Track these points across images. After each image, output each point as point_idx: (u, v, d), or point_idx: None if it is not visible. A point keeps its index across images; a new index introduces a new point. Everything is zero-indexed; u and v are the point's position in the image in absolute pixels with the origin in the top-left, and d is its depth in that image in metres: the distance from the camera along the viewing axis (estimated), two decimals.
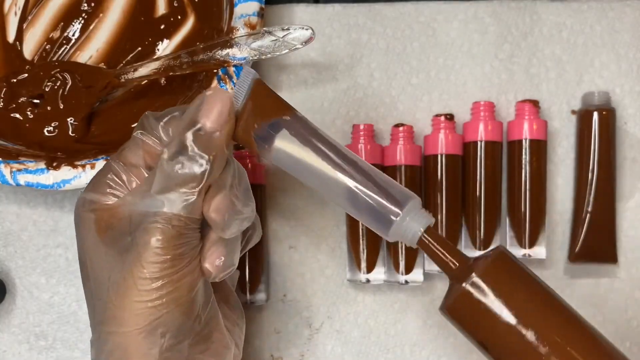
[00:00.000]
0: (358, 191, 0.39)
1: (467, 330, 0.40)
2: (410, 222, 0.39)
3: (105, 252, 0.40)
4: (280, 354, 0.57)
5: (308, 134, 0.40)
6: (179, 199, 0.38)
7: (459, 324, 0.40)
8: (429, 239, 0.40)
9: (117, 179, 0.41)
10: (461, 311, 0.40)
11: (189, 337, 0.40)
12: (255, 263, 0.55)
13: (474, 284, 0.38)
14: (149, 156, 0.41)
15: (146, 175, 0.41)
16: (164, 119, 0.41)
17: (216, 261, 0.40)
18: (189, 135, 0.38)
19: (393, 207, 0.39)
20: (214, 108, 0.39)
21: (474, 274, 0.38)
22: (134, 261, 0.38)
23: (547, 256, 0.56)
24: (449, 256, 0.40)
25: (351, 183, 0.40)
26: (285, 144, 0.40)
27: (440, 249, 0.40)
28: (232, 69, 0.52)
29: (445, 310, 0.40)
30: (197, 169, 0.38)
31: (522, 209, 0.55)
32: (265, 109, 0.40)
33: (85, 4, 0.56)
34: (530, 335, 0.38)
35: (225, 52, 0.51)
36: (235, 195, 0.40)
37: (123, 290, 0.38)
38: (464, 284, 0.38)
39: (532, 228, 0.55)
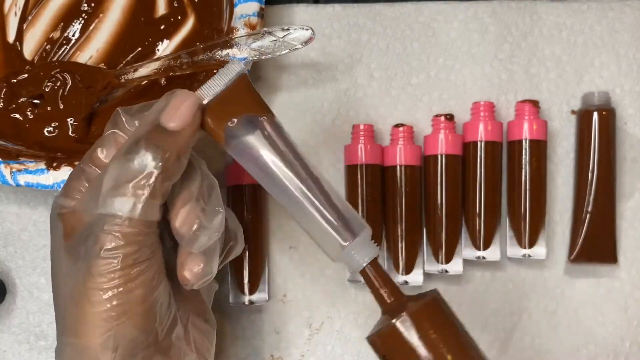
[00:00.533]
0: (315, 211, 0.40)
1: None
2: (360, 251, 0.41)
3: (66, 260, 0.38)
4: (280, 354, 0.57)
5: (281, 141, 0.40)
6: (129, 199, 0.36)
7: (381, 355, 0.41)
8: (372, 270, 0.41)
9: (86, 184, 0.40)
10: (385, 344, 0.40)
11: (144, 350, 0.38)
12: (255, 263, 0.55)
13: (402, 322, 0.39)
14: None
15: None
16: (137, 115, 0.40)
17: (195, 268, 0.39)
18: (144, 132, 0.37)
19: (346, 233, 0.40)
20: (178, 108, 0.38)
21: (404, 313, 0.39)
22: (86, 271, 0.36)
23: (547, 256, 0.56)
24: (387, 290, 0.41)
25: (312, 201, 0.40)
26: (256, 146, 0.40)
27: (380, 282, 0.41)
28: None
29: (370, 339, 0.41)
30: (149, 165, 0.36)
31: (522, 209, 0.55)
32: (244, 105, 0.40)
33: (85, 4, 0.56)
34: None
35: (225, 52, 0.51)
36: (201, 208, 0.38)
37: (77, 301, 0.37)
38: (393, 320, 0.39)
39: (532, 228, 0.55)
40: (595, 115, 0.56)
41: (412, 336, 0.39)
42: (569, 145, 0.58)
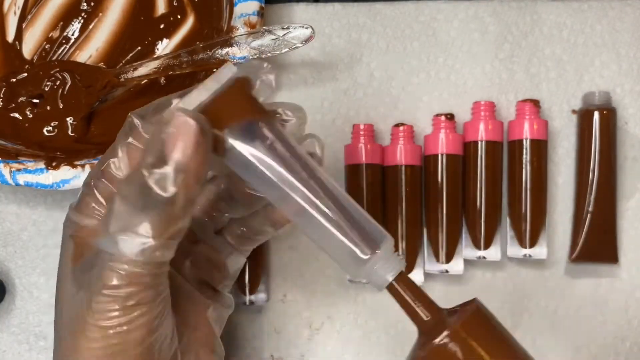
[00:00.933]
0: (328, 222, 0.36)
1: None
2: (383, 265, 0.36)
3: (71, 286, 0.36)
4: (280, 354, 0.57)
5: (284, 148, 0.36)
6: (134, 241, 0.33)
7: None
8: (401, 285, 0.36)
9: (102, 201, 0.37)
10: None
11: None
12: (255, 263, 0.55)
13: (446, 341, 0.35)
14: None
15: None
16: (153, 117, 0.37)
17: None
18: (145, 173, 0.33)
19: (365, 246, 0.36)
20: (177, 143, 0.33)
21: (446, 331, 0.35)
22: (86, 304, 0.35)
23: (548, 256, 0.56)
24: (421, 306, 0.37)
25: (324, 212, 0.36)
26: (256, 156, 0.35)
27: (411, 296, 0.37)
28: None
29: None
30: (152, 216, 0.33)
31: (523, 209, 0.55)
32: (238, 112, 0.35)
33: (85, 4, 0.56)
34: None
35: (225, 51, 0.51)
36: None
37: (74, 332, 0.35)
38: (435, 340, 0.35)
39: (532, 228, 0.55)
40: (596, 114, 0.55)
41: (459, 355, 0.35)
42: (569, 145, 0.58)
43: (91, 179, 0.38)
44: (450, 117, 0.55)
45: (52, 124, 0.54)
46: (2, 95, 0.54)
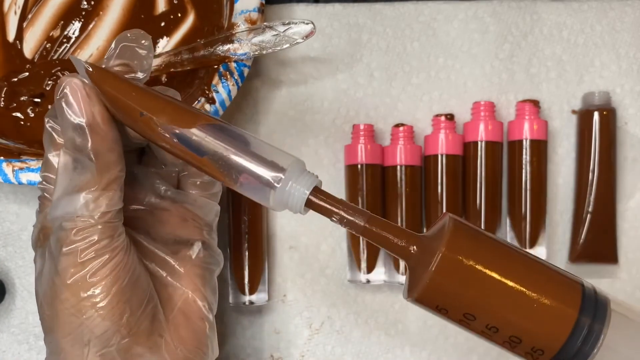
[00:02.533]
0: (235, 156, 0.36)
1: (446, 308, 0.36)
2: (295, 184, 0.36)
3: (40, 265, 0.39)
4: (280, 354, 0.57)
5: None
6: (75, 198, 0.37)
7: (436, 306, 0.36)
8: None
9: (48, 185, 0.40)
10: (435, 294, 0.35)
11: (120, 341, 0.38)
12: (255, 263, 0.55)
13: (442, 264, 0.34)
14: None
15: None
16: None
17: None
18: (56, 136, 0.38)
19: (272, 172, 0.36)
20: (70, 101, 0.37)
21: (438, 254, 0.34)
22: (53, 270, 0.37)
23: (548, 256, 0.56)
24: (395, 236, 0.36)
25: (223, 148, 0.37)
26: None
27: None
28: (233, 65, 0.52)
29: (417, 298, 0.36)
30: (83, 174, 0.37)
31: (523, 209, 0.55)
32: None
33: (85, 3, 0.56)
34: (514, 284, 0.35)
35: (226, 47, 0.51)
36: None
37: (50, 300, 0.38)
38: (431, 267, 0.34)
39: (532, 228, 0.55)
40: (596, 115, 0.56)
41: (460, 272, 0.34)
42: (569, 145, 0.58)
43: (40, 175, 0.41)
44: (450, 117, 0.55)
45: None
46: (3, 95, 0.54)
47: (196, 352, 0.41)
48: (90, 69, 0.37)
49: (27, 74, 0.55)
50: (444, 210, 0.55)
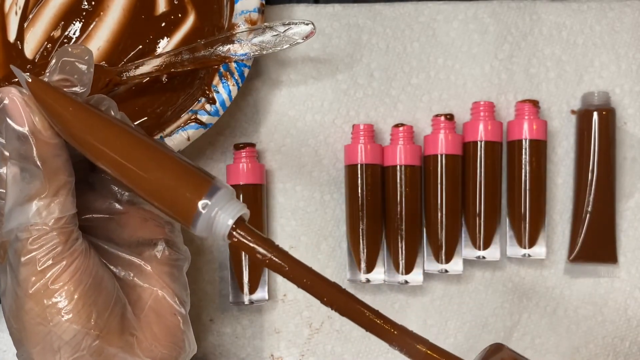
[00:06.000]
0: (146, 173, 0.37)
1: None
2: (222, 213, 0.36)
3: (3, 281, 0.40)
4: (280, 354, 0.57)
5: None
6: (26, 208, 0.37)
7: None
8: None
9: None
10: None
11: (91, 344, 0.38)
12: (255, 263, 0.55)
13: None
14: None
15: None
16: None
17: None
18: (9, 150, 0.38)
19: (193, 194, 0.36)
20: (10, 113, 0.38)
21: None
22: (15, 283, 0.38)
23: (547, 256, 0.56)
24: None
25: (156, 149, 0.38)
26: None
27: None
28: (233, 65, 0.52)
29: None
30: (32, 182, 0.37)
31: (522, 209, 0.55)
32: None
33: (86, 3, 0.56)
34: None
35: (226, 47, 0.51)
36: None
37: (16, 314, 0.38)
38: None
39: (532, 228, 0.55)
40: (595, 115, 0.56)
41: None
42: (568, 145, 0.58)
43: None
44: (449, 117, 0.55)
45: None
46: None
47: (172, 347, 0.42)
48: (30, 80, 0.38)
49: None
50: (444, 210, 0.55)
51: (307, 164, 0.58)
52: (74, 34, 0.56)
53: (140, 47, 0.56)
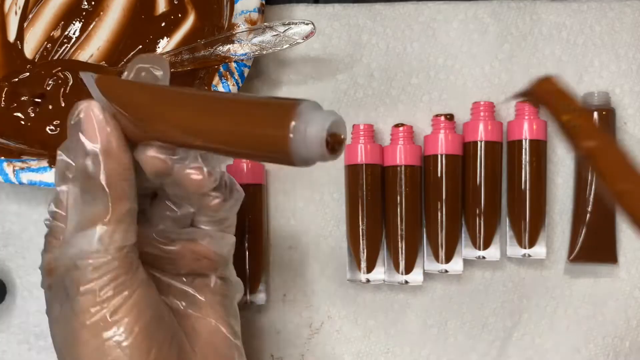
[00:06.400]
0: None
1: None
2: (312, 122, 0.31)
3: (54, 309, 0.38)
4: (280, 354, 0.57)
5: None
6: (89, 233, 0.35)
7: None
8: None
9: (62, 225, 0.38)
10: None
11: None
12: (255, 263, 0.55)
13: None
14: None
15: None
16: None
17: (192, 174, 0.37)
18: (66, 172, 0.36)
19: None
20: (85, 128, 0.36)
21: None
22: (71, 312, 0.36)
23: (547, 256, 0.56)
24: None
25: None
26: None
27: None
28: (233, 65, 0.52)
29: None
30: (95, 206, 0.35)
31: (522, 209, 0.55)
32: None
33: (86, 3, 0.57)
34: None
35: (226, 47, 0.52)
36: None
37: (70, 344, 0.36)
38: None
39: (532, 228, 0.55)
40: (595, 115, 0.56)
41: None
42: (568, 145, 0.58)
43: (49, 211, 0.39)
44: (449, 117, 0.55)
45: (54, 123, 0.54)
46: (4, 95, 0.54)
47: None
48: (97, 78, 0.36)
49: (27, 74, 0.55)
50: (444, 210, 0.55)
51: None
52: (73, 33, 0.57)
53: (140, 47, 0.56)
